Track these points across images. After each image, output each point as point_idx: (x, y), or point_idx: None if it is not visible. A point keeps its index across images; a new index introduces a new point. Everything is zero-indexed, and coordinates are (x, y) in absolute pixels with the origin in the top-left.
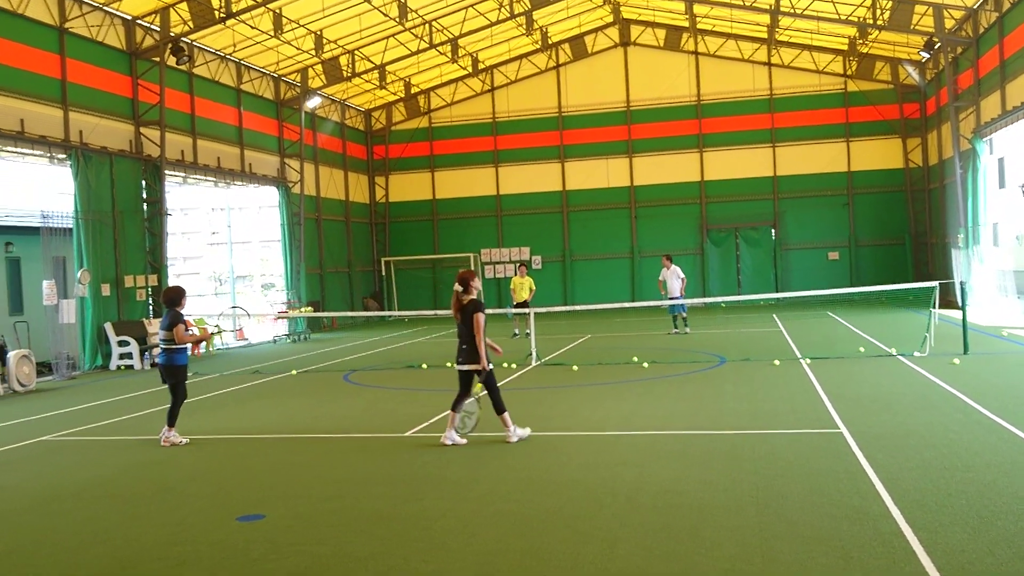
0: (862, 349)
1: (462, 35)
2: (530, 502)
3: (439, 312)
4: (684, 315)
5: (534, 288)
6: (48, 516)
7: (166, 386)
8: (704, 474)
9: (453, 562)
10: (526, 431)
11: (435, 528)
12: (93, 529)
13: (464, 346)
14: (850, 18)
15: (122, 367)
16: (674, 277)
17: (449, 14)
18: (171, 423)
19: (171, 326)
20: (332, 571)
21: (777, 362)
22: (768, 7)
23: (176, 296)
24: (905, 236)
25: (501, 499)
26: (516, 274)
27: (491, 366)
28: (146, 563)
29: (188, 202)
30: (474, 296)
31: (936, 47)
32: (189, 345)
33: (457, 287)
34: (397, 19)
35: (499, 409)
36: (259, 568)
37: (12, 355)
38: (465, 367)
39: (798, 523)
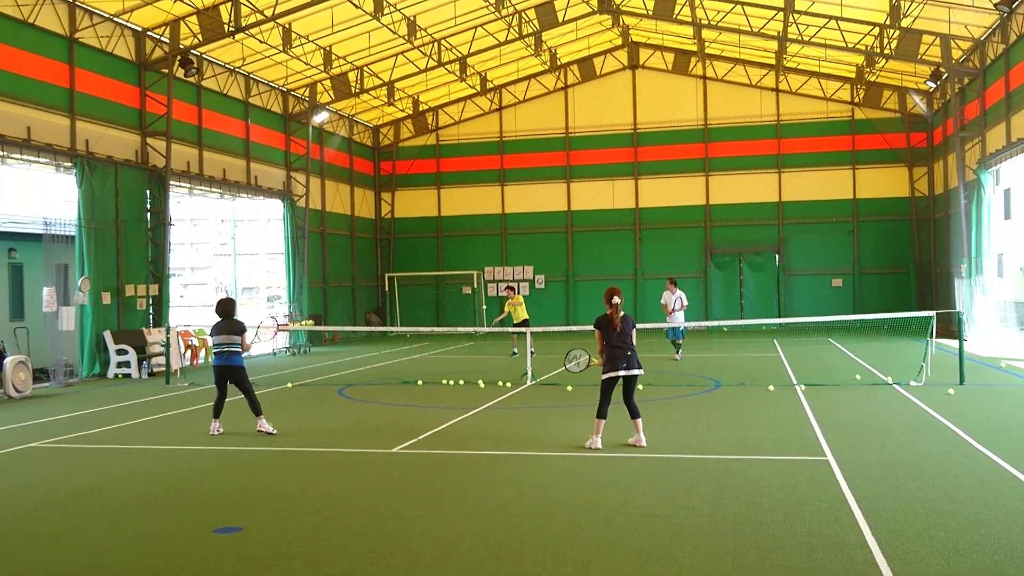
0: (858, 377)
1: (471, 54)
2: (509, 522)
3: (439, 329)
4: (680, 341)
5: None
6: (29, 523)
7: (217, 386)
8: (685, 499)
9: None
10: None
11: (411, 546)
12: (73, 538)
13: (629, 352)
14: (857, 47)
15: (120, 375)
16: (677, 302)
17: (458, 33)
18: (258, 412)
19: (241, 332)
20: None
21: (772, 388)
22: (776, 34)
23: (232, 307)
24: (909, 265)
25: (481, 518)
26: (508, 297)
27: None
28: (121, 573)
29: (197, 213)
30: None
31: (943, 77)
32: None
33: (617, 300)
34: (406, 37)
35: (636, 413)
36: None
37: (8, 361)
38: (636, 371)
39: (773, 551)
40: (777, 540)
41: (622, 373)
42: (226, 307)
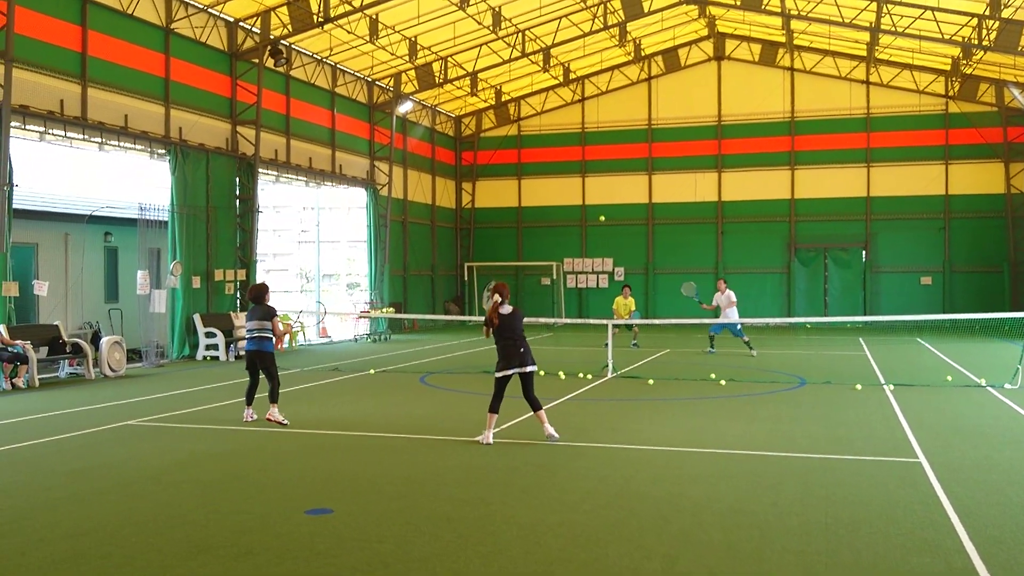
0: (949, 378)
1: (554, 45)
2: (595, 513)
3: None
4: (746, 339)
5: (633, 310)
6: (129, 497)
7: (248, 371)
8: (773, 496)
9: (513, 569)
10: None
11: (499, 533)
12: (170, 512)
13: (523, 349)
14: (954, 38)
15: (208, 358)
16: (728, 302)
17: (542, 23)
18: (274, 400)
19: (270, 317)
20: (393, 569)
21: (859, 387)
22: (868, 25)
23: (263, 292)
24: (1003, 264)
25: (567, 508)
26: (620, 295)
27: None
28: (216, 549)
29: (280, 200)
30: None
31: None
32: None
33: (497, 298)
34: (491, 28)
35: (537, 406)
36: (322, 561)
37: (105, 341)
38: (531, 368)
39: (866, 552)
40: (871, 541)
41: (515, 371)
42: (257, 291)
